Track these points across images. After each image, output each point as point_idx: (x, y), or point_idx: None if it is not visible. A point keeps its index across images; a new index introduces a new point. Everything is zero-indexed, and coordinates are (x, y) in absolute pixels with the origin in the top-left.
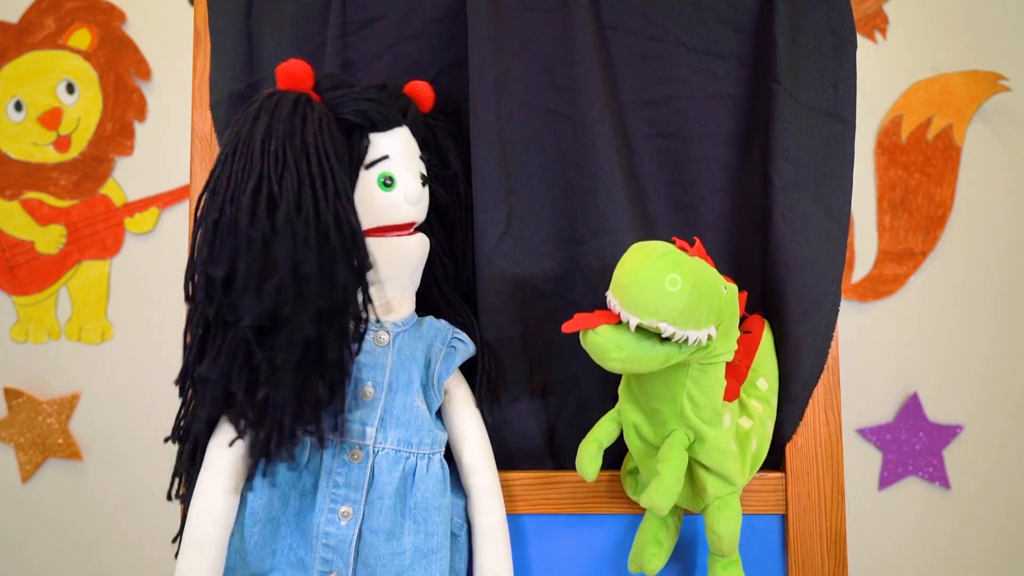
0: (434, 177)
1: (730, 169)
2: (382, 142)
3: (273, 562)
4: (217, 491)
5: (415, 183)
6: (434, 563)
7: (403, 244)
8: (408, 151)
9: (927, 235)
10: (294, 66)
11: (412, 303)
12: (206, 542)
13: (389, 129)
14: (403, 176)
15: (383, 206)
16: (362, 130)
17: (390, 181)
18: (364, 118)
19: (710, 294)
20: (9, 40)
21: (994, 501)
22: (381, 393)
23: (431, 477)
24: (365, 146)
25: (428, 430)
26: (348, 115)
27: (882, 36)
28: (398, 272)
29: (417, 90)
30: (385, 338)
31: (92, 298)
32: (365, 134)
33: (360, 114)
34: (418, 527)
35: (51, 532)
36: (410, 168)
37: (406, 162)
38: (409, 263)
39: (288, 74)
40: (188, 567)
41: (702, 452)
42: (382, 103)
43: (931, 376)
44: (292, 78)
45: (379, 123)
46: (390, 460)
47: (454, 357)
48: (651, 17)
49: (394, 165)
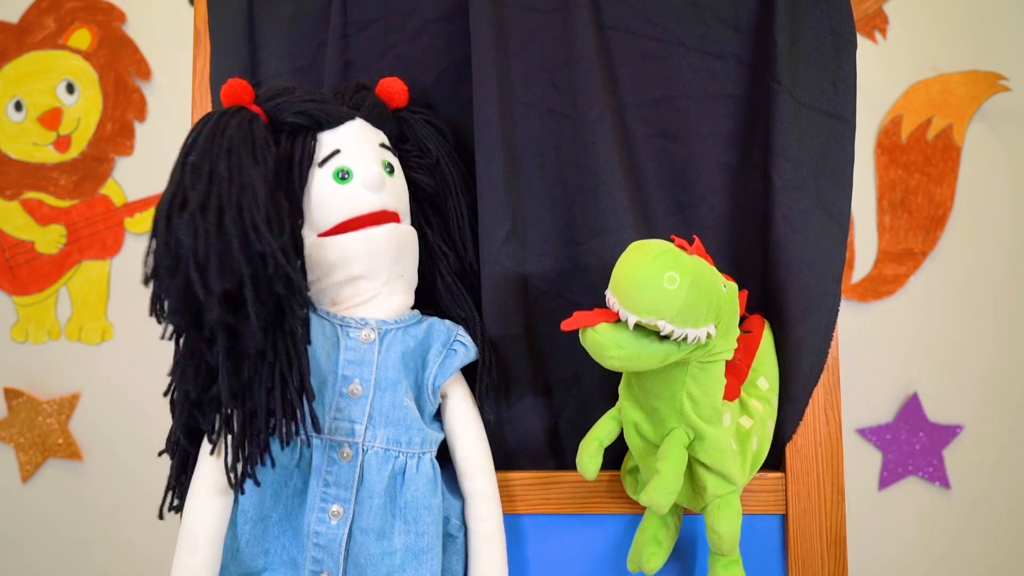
0: (416, 168)
1: (730, 169)
2: (331, 138)
3: (266, 561)
4: (209, 491)
5: (374, 168)
6: (425, 563)
7: (370, 235)
8: (363, 141)
9: (927, 235)
10: (232, 84)
11: (405, 299)
12: (198, 542)
13: (338, 125)
14: (358, 165)
15: (341, 199)
16: (308, 130)
17: (345, 174)
18: (307, 118)
19: (709, 292)
20: (9, 40)
21: (994, 501)
22: (369, 390)
23: (421, 477)
24: (312, 145)
25: (418, 429)
26: (290, 118)
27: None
28: (377, 266)
29: (387, 87)
30: (371, 335)
31: (92, 298)
32: (311, 133)
33: (302, 115)
34: (408, 527)
35: (51, 532)
36: (367, 156)
37: (361, 152)
38: (385, 255)
39: (227, 92)
40: (181, 567)
41: (702, 450)
42: (326, 102)
43: (931, 376)
44: (230, 96)
45: (324, 121)
46: (379, 459)
47: (453, 360)
48: (651, 17)
49: (347, 157)
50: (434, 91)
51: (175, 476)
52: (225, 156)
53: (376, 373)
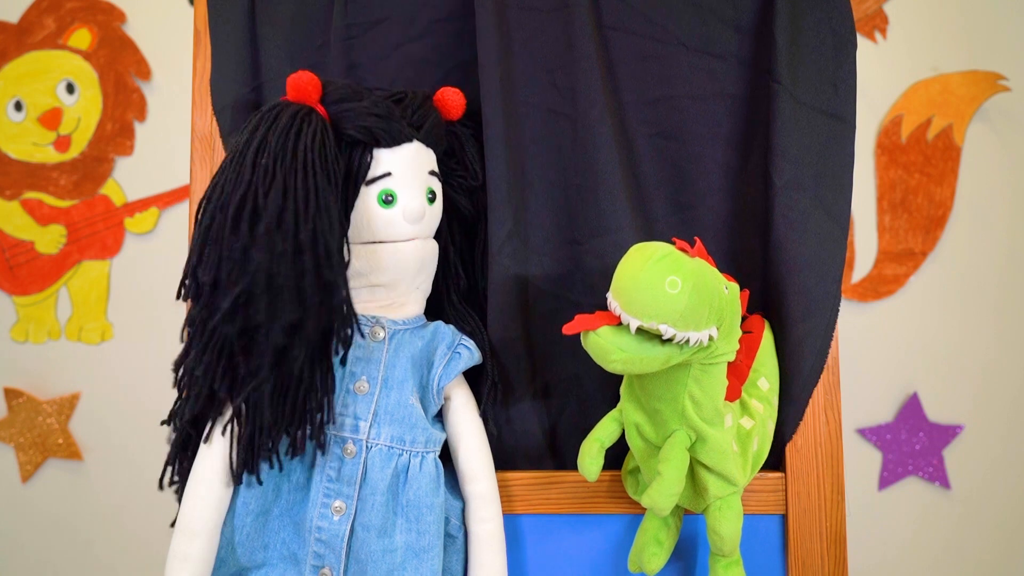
0: (457, 188)
1: (730, 169)
2: (385, 158)
3: (266, 555)
4: (209, 479)
5: (417, 201)
6: (425, 562)
7: (398, 249)
8: (415, 167)
9: (927, 235)
10: (301, 78)
11: (419, 305)
12: (196, 528)
13: (395, 145)
14: (404, 194)
15: (381, 223)
16: (366, 145)
17: (390, 198)
18: (367, 134)
19: (711, 295)
20: (9, 40)
21: (994, 501)
22: (375, 388)
23: (424, 476)
24: (368, 162)
25: (422, 428)
26: (351, 131)
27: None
28: (399, 276)
29: (446, 98)
30: (381, 334)
31: (92, 298)
32: (369, 149)
33: (364, 131)
34: (410, 525)
35: (51, 532)
36: (414, 185)
37: (410, 179)
38: (408, 268)
39: (295, 85)
40: (177, 552)
41: (703, 452)
42: (390, 119)
43: (931, 376)
44: (298, 90)
45: (383, 140)
46: (383, 456)
47: (457, 363)
48: (651, 17)
49: (395, 182)
50: None
51: (177, 452)
52: (301, 170)
53: (383, 371)
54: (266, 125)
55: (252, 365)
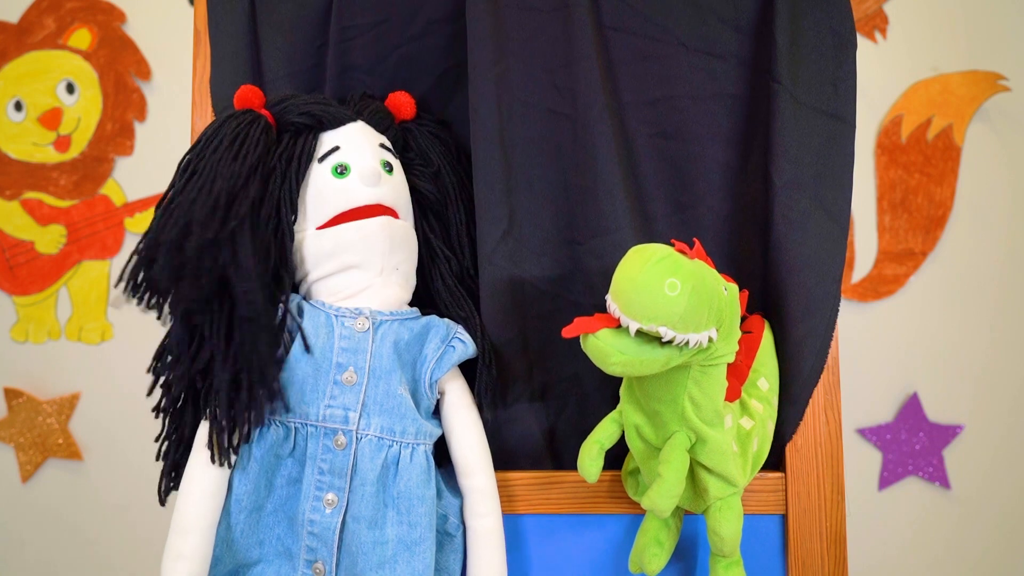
0: (420, 176)
1: (730, 169)
2: (332, 136)
3: (261, 552)
4: (201, 476)
5: (371, 163)
6: (417, 555)
7: (363, 225)
8: (363, 140)
9: (927, 235)
10: (243, 91)
11: (401, 293)
12: (190, 526)
13: (340, 126)
14: (356, 161)
15: (338, 192)
16: (310, 129)
17: (343, 169)
18: (310, 118)
19: (710, 296)
20: (9, 40)
21: (994, 501)
22: (363, 378)
23: (415, 467)
24: (313, 143)
25: (412, 419)
26: (295, 119)
27: (882, 36)
28: (369, 256)
29: (395, 100)
30: (365, 324)
31: (92, 298)
32: (314, 133)
33: (306, 115)
34: (400, 517)
35: (51, 532)
36: (365, 153)
37: (360, 148)
38: (378, 244)
39: (239, 98)
40: (172, 551)
41: (703, 453)
42: (330, 105)
43: (931, 376)
44: (242, 101)
45: (327, 122)
46: (372, 447)
47: (450, 356)
48: (651, 17)
49: (345, 154)
50: (437, 92)
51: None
52: (209, 155)
53: (370, 361)
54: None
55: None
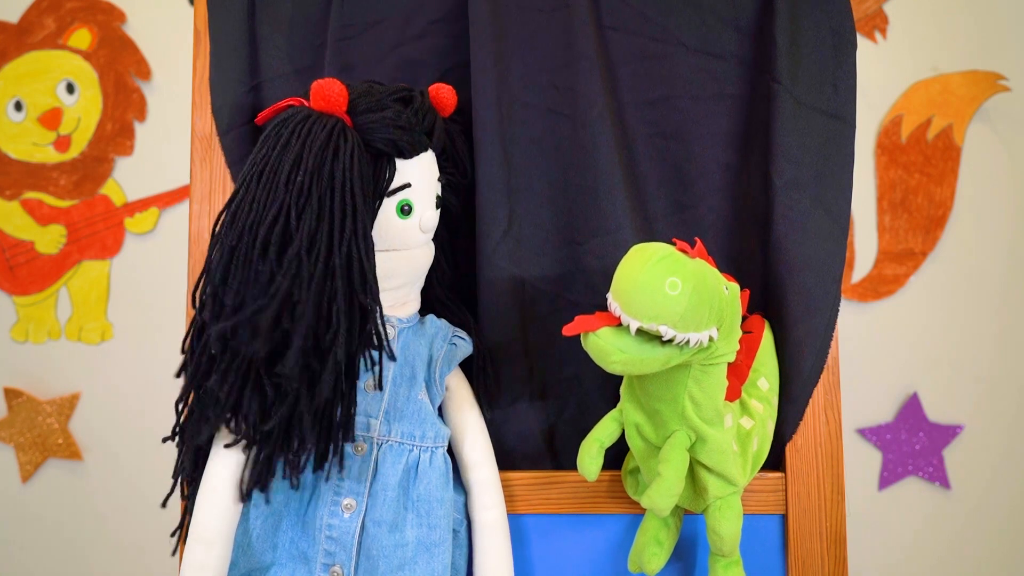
0: (449, 186)
1: (730, 169)
2: (406, 169)
3: (275, 556)
4: (224, 487)
5: (431, 212)
6: (436, 556)
7: (414, 256)
8: (428, 177)
9: (927, 235)
10: (330, 87)
11: (417, 303)
12: (212, 537)
13: (415, 156)
14: (420, 204)
15: (398, 233)
16: (389, 157)
17: (408, 208)
18: (393, 147)
19: (711, 296)
20: (9, 40)
21: (994, 501)
22: (385, 386)
23: (434, 470)
24: (391, 174)
25: (432, 424)
26: (378, 144)
27: (882, 36)
28: (409, 280)
29: (440, 96)
30: (391, 333)
31: (92, 298)
32: (392, 161)
33: (389, 143)
34: (420, 520)
35: (51, 532)
36: (428, 195)
37: (426, 189)
38: (418, 272)
39: (323, 95)
40: (195, 561)
41: (703, 453)
42: (411, 131)
43: (931, 376)
44: (327, 100)
45: (406, 151)
46: (394, 452)
47: (455, 354)
48: (651, 17)
49: (415, 193)
50: None
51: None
52: (339, 191)
53: (393, 368)
54: (299, 140)
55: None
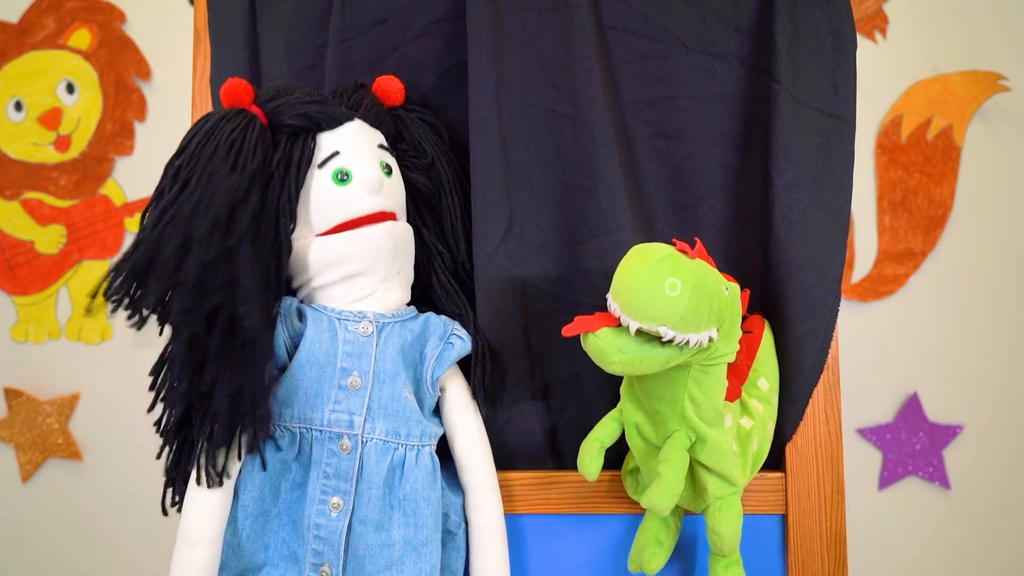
0: (412, 167)
1: (730, 169)
2: (330, 139)
3: (266, 556)
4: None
5: (373, 172)
6: (424, 556)
7: (368, 233)
8: (362, 142)
9: (927, 235)
10: (231, 85)
11: (403, 294)
12: (198, 537)
13: (337, 126)
14: (358, 167)
15: (340, 201)
16: (307, 132)
17: (345, 176)
18: (307, 120)
19: (711, 297)
20: (9, 40)
21: (994, 501)
22: (367, 383)
23: (420, 469)
24: (312, 147)
25: (417, 421)
26: (290, 120)
27: (882, 36)
28: (374, 263)
29: (383, 85)
30: (369, 328)
31: None
32: (311, 135)
33: (302, 116)
34: (407, 519)
35: (51, 532)
36: (365, 158)
37: (360, 153)
38: (382, 252)
39: (227, 93)
40: (181, 561)
41: (703, 453)
42: (326, 103)
43: (931, 376)
44: (231, 96)
45: (324, 122)
46: (378, 450)
47: (450, 353)
48: (651, 17)
49: (346, 159)
50: (438, 92)
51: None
52: (205, 163)
53: (375, 365)
54: (192, 133)
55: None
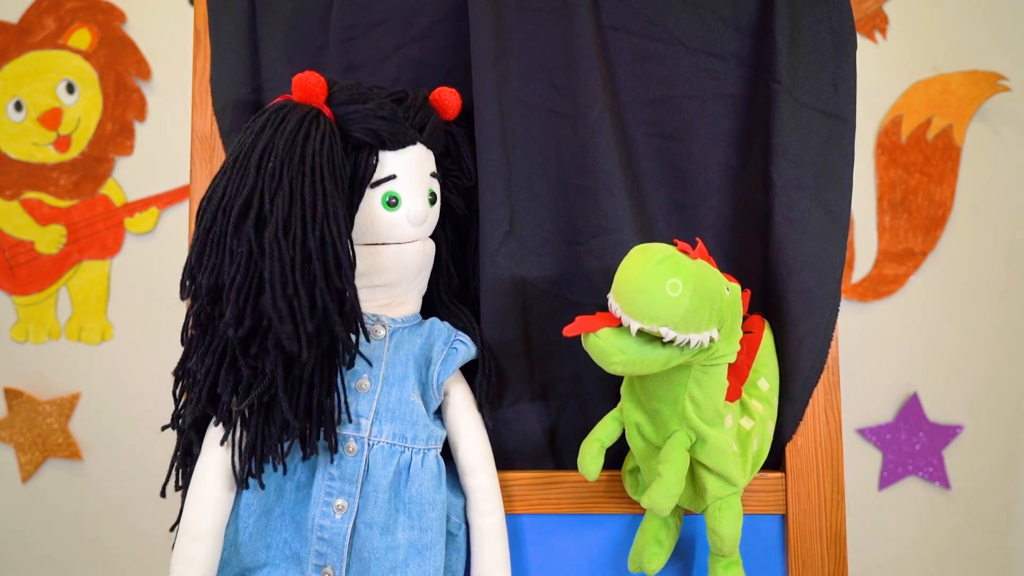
0: (452, 188)
1: (730, 169)
2: (391, 161)
3: (268, 555)
4: (213, 481)
5: (420, 204)
6: (428, 559)
7: (401, 251)
8: (418, 170)
9: (927, 235)
10: (307, 78)
11: (417, 303)
12: (201, 531)
13: (400, 148)
14: (408, 196)
15: (385, 225)
16: (371, 148)
17: (395, 201)
18: (374, 137)
19: (711, 297)
20: (9, 40)
21: (994, 501)
22: (376, 386)
23: (426, 472)
24: (373, 165)
25: (423, 425)
26: (358, 134)
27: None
28: (400, 277)
29: (442, 98)
30: (382, 332)
31: (92, 298)
32: (375, 152)
33: (370, 133)
34: (412, 522)
35: (51, 532)
36: (418, 188)
37: (414, 182)
38: (410, 269)
39: (301, 86)
40: (182, 555)
41: (703, 453)
42: (395, 121)
43: (931, 376)
44: (304, 90)
45: (389, 142)
46: (384, 454)
47: (455, 358)
48: (651, 17)
49: (400, 185)
50: None
51: (181, 457)
52: (309, 175)
53: (384, 369)
54: (272, 127)
55: (259, 370)
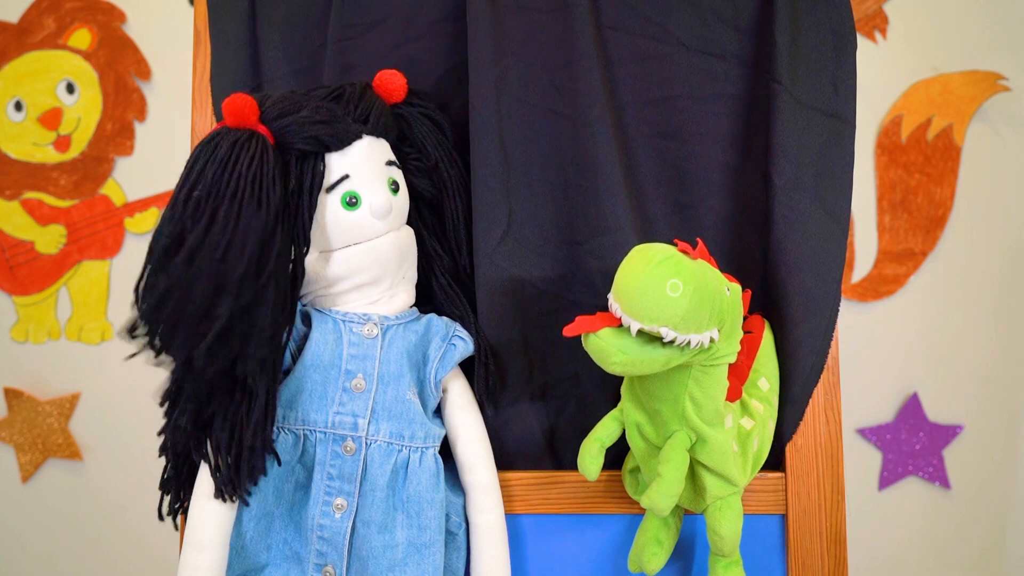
0: (415, 171)
1: (730, 169)
2: (340, 161)
3: (268, 556)
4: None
5: (382, 196)
6: (427, 558)
7: (374, 247)
8: (371, 163)
9: (927, 235)
10: (235, 101)
11: (408, 296)
12: (205, 541)
13: (346, 146)
14: (367, 192)
15: (351, 226)
16: (317, 154)
17: (354, 200)
18: (316, 143)
19: (712, 297)
20: (9, 40)
21: (994, 501)
22: (372, 385)
23: (424, 471)
24: (321, 170)
25: (421, 423)
26: (299, 144)
27: (882, 36)
28: (381, 273)
29: (384, 82)
30: (374, 331)
31: (92, 298)
32: (320, 157)
33: (311, 140)
34: (411, 520)
35: (51, 532)
36: (374, 181)
37: (369, 176)
38: (389, 262)
39: (230, 111)
40: (189, 565)
41: (704, 453)
42: (334, 121)
43: (931, 376)
44: (235, 115)
45: (332, 144)
46: (382, 452)
47: (452, 354)
48: (651, 17)
49: (356, 183)
50: (438, 92)
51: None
52: (229, 199)
53: (379, 367)
54: (204, 158)
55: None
